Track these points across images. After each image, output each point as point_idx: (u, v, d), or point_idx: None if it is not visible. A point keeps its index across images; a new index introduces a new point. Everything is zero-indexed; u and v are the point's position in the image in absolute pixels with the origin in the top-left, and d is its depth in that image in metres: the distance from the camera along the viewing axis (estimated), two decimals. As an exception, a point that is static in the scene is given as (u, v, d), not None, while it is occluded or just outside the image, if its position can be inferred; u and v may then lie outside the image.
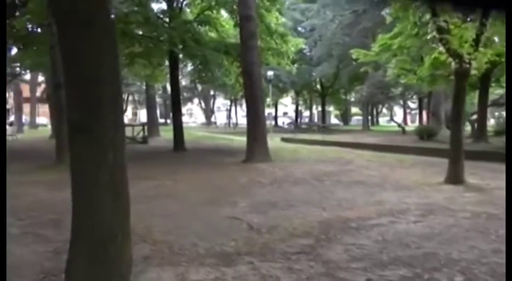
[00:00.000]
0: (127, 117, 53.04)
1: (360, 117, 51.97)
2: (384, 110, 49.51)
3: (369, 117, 36.06)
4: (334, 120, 48.01)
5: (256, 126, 10.38)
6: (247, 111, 10.79)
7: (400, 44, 11.13)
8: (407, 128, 22.63)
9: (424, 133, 15.83)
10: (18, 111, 29.15)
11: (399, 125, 24.13)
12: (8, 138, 19.95)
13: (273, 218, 4.84)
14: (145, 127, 20.03)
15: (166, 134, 21.94)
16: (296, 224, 4.57)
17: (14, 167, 9.43)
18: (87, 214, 2.15)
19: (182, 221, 4.76)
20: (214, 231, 4.32)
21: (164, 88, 37.20)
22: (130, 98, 46.90)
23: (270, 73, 22.33)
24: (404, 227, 4.44)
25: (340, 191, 6.50)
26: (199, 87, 44.21)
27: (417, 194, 6.16)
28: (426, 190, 6.51)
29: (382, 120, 49.88)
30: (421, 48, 14.85)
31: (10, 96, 36.53)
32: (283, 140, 19.81)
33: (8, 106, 39.61)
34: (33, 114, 33.61)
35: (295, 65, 30.75)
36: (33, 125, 33.05)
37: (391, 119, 31.72)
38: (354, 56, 16.26)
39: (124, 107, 45.80)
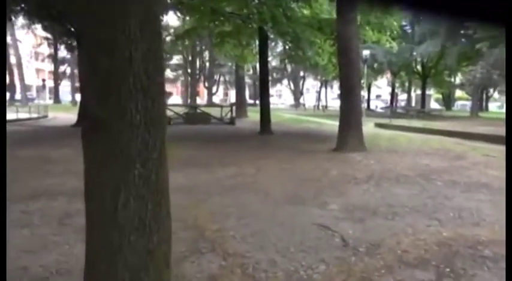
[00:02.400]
0: (218, 97, 54.42)
1: (465, 102, 46.65)
2: (496, 94, 43.73)
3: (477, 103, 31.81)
4: (434, 104, 43.65)
5: (350, 111, 9.17)
6: (341, 94, 9.60)
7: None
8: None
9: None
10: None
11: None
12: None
13: (374, 231, 3.81)
14: (233, 108, 19.80)
15: (254, 115, 21.47)
16: (406, 243, 3.49)
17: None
18: (101, 258, 1.39)
19: (261, 224, 3.96)
20: (299, 245, 3.44)
21: (254, 69, 36.94)
22: (221, 78, 47.81)
23: (366, 52, 20.44)
24: None
25: (458, 197, 5.16)
26: (289, 68, 43.32)
27: None
28: None
29: (492, 106, 44.15)
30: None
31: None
32: (378, 125, 18.09)
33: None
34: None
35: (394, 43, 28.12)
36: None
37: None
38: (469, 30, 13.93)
39: (216, 88, 46.93)
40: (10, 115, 17.14)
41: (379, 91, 53.87)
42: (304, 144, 10.83)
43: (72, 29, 14.94)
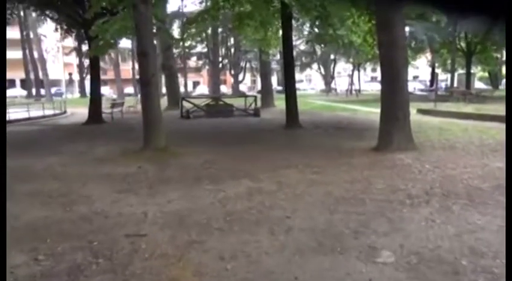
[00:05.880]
0: (245, 85, 52.86)
1: (513, 80, 42.66)
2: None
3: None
4: (477, 84, 40.26)
5: (395, 100, 7.44)
6: (383, 79, 7.85)
7: None
8: None
9: None
10: (144, 81, 30.29)
11: None
12: (130, 109, 20.18)
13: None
14: (258, 98, 18.36)
15: (282, 103, 19.94)
16: None
17: (98, 151, 8.33)
18: None
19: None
20: None
21: (282, 53, 34.99)
22: (248, 65, 46.14)
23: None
24: None
25: None
26: (319, 51, 41.06)
27: None
28: None
29: (545, 83, 40.14)
30: None
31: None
32: (421, 111, 16.00)
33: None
34: (160, 85, 35.06)
35: (433, 19, 25.49)
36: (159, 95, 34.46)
37: None
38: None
39: (242, 76, 45.33)
40: (22, 114, 16.39)
41: (416, 71, 50.63)
42: (338, 140, 9.17)
43: (79, 19, 13.84)
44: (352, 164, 6.38)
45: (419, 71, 49.53)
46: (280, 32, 13.99)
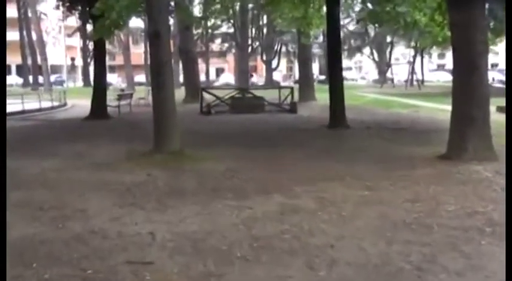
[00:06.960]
0: (280, 73, 52.85)
1: None
2: None
3: None
4: None
5: (471, 95, 7.13)
6: (455, 68, 7.54)
7: None
8: None
9: None
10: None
11: None
12: (140, 101, 20.54)
13: None
14: (296, 89, 18.32)
15: (325, 96, 19.71)
16: None
17: (99, 154, 8.42)
18: None
19: None
20: None
21: (325, 35, 34.71)
22: (283, 49, 46.06)
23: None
24: None
25: None
26: (372, 32, 40.51)
27: None
28: None
29: None
30: None
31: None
32: (501, 110, 15.32)
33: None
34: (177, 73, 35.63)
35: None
36: (176, 84, 35.02)
37: None
38: None
39: (277, 62, 45.32)
40: (15, 106, 16.91)
41: (495, 58, 49.03)
42: (395, 145, 8.93)
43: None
44: (414, 177, 6.15)
45: (499, 57, 47.95)
46: (324, 8, 13.79)
